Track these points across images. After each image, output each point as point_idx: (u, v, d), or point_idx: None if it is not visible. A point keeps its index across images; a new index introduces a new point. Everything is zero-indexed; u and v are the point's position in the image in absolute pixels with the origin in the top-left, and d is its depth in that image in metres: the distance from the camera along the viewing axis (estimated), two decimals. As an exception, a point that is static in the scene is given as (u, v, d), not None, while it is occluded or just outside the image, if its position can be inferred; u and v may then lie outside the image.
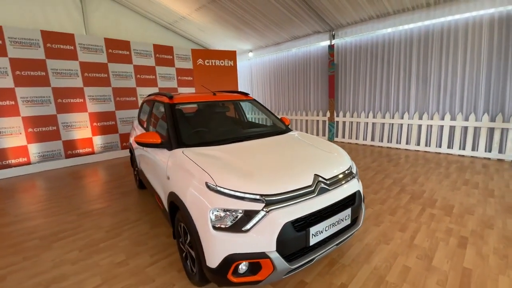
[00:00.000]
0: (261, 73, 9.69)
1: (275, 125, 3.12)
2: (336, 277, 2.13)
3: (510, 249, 2.37)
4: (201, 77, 8.05)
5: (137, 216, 3.33)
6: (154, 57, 7.14)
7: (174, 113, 2.71)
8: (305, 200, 1.78)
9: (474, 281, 2.01)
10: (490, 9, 4.80)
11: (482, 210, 3.15)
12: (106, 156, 6.51)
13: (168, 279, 2.18)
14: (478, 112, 5.22)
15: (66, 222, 3.24)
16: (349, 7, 5.92)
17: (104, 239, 2.82)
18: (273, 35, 8.00)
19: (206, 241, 1.69)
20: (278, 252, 1.63)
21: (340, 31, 6.94)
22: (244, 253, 1.62)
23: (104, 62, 6.33)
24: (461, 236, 2.63)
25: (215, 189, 1.72)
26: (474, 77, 5.18)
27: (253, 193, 1.68)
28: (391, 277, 2.10)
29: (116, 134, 6.71)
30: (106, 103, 6.47)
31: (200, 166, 1.90)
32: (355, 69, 6.95)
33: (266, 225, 1.63)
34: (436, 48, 5.57)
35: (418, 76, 5.90)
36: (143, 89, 7.02)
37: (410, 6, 5.55)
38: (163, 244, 2.69)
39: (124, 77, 6.67)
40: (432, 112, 5.82)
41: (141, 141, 2.46)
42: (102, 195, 4.09)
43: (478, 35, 5.02)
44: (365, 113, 6.93)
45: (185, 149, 2.26)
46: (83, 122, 6.18)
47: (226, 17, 7.32)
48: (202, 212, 1.70)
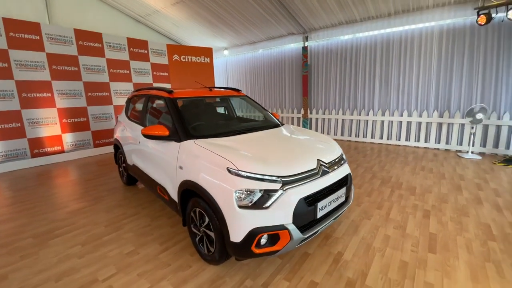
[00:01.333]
0: (237, 71, 9.87)
1: (269, 119, 3.37)
2: (333, 247, 2.48)
3: (462, 217, 2.97)
4: (177, 73, 7.97)
5: (133, 210, 3.33)
6: (128, 51, 6.89)
7: (177, 107, 2.81)
8: (312, 180, 2.09)
9: (439, 242, 2.52)
10: (439, 21, 5.66)
11: (437, 189, 3.81)
12: (77, 155, 6.14)
13: (183, 262, 2.32)
14: (429, 109, 6.11)
15: (56, 220, 3.12)
16: (322, 12, 6.43)
17: (105, 233, 2.82)
18: (249, 34, 8.24)
19: (231, 219, 1.89)
20: (294, 224, 1.91)
21: (313, 34, 7.45)
22: (266, 226, 1.86)
23: (74, 54, 5.96)
24: (425, 209, 3.19)
25: (236, 173, 1.93)
26: (426, 80, 6.05)
27: (271, 175, 1.93)
28: (376, 244, 2.52)
29: (88, 132, 6.36)
30: (77, 98, 6.09)
31: (219, 154, 2.08)
32: (327, 70, 7.54)
33: (284, 201, 1.90)
34: (396, 53, 6.35)
35: (381, 78, 6.66)
36: (117, 84, 6.74)
37: (374, 15, 6.24)
38: (169, 233, 2.79)
39: (96, 71, 6.34)
40: (392, 109, 6.63)
41: (149, 134, 2.54)
42: (87, 193, 3.95)
43: (430, 43, 5.88)
44: (335, 111, 7.56)
45: (197, 140, 2.41)
46: (51, 119, 5.76)
47: (203, 14, 7.36)
48: (227, 194, 1.90)
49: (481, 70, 5.39)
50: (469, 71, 5.52)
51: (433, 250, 2.40)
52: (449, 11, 5.44)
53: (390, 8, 5.86)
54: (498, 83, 5.24)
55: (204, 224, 2.20)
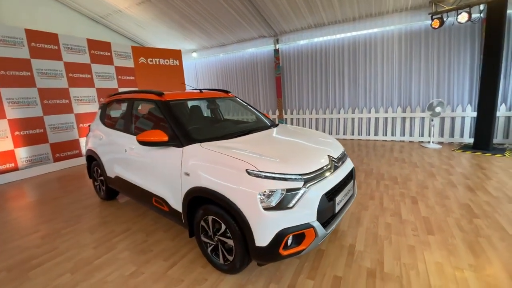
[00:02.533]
0: (208, 73, 9.65)
1: (264, 120, 3.32)
2: (343, 240, 2.54)
3: (444, 200, 3.27)
4: (145, 77, 7.49)
5: (123, 227, 3.01)
6: (89, 54, 6.28)
7: (173, 110, 2.63)
8: (327, 176, 2.11)
9: (433, 224, 2.74)
10: (399, 25, 6.24)
11: (415, 177, 4.16)
12: (35, 172, 5.37)
13: (197, 276, 2.16)
14: (394, 105, 6.68)
15: (30, 247, 2.67)
16: (293, 16, 6.63)
17: (96, 255, 2.49)
18: (220, 36, 8.12)
19: (256, 222, 1.81)
20: (318, 221, 1.90)
21: (284, 37, 7.64)
22: (292, 226, 1.82)
23: (26, 57, 5.22)
24: (411, 196, 3.45)
25: (257, 175, 1.86)
26: (390, 78, 6.61)
27: (293, 174, 1.90)
28: (381, 232, 2.65)
29: (46, 144, 5.61)
30: (31, 107, 5.34)
31: (235, 157, 1.99)
32: (299, 71, 7.79)
33: (308, 199, 1.89)
34: (361, 55, 6.82)
35: (350, 78, 7.10)
36: (78, 90, 6.08)
37: (341, 19, 6.63)
38: (171, 247, 2.58)
39: (52, 76, 5.64)
40: (361, 107, 7.09)
41: (147, 140, 2.33)
42: (59, 213, 3.46)
43: (391, 45, 6.44)
44: (309, 110, 7.84)
45: (203, 144, 2.27)
46: (1, 132, 4.95)
47: (172, 15, 7.06)
48: (249, 197, 1.82)
49: (435, 68, 6.07)
50: (426, 69, 6.18)
51: (431, 232, 2.60)
52: (406, 16, 6.03)
53: (355, 12, 6.29)
54: (451, 79, 5.96)
55: (219, 232, 2.08)
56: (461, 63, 5.81)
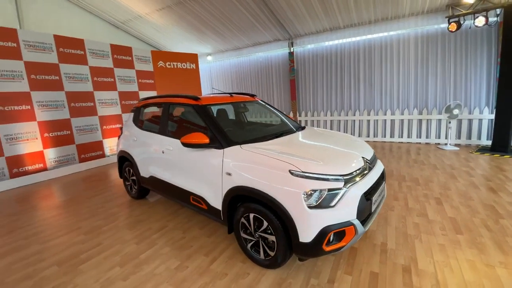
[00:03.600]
0: (222, 76, 9.83)
1: (291, 123, 3.44)
2: (374, 239, 2.64)
3: (468, 201, 3.34)
4: (163, 80, 7.70)
5: (158, 224, 3.17)
6: (112, 58, 6.51)
7: (211, 114, 2.78)
8: (364, 176, 2.22)
9: (460, 224, 2.82)
10: (414, 28, 6.30)
11: (436, 179, 4.22)
12: (62, 172, 5.59)
13: (238, 270, 2.28)
14: (410, 108, 6.73)
15: (75, 243, 2.84)
16: (309, 19, 6.75)
17: (140, 250, 2.64)
18: (235, 40, 8.29)
19: (301, 219, 1.93)
20: (358, 219, 2.01)
21: (298, 40, 7.76)
22: (334, 224, 1.94)
23: (55, 62, 5.46)
24: (435, 197, 3.53)
25: (301, 175, 1.98)
26: (406, 81, 6.67)
27: (334, 174, 2.02)
28: (410, 231, 2.74)
29: (72, 145, 5.84)
30: (59, 110, 5.58)
31: (277, 158, 2.11)
32: (313, 74, 7.89)
33: (348, 198, 2.00)
34: (377, 58, 6.90)
35: (365, 80, 7.17)
36: (102, 93, 6.31)
37: (357, 22, 6.72)
38: (209, 243, 2.71)
39: (79, 80, 5.87)
40: (377, 109, 7.16)
41: (190, 142, 2.48)
42: (95, 211, 3.64)
43: (407, 47, 6.50)
44: (324, 112, 7.93)
45: (243, 145, 2.41)
46: (31, 133, 5.19)
47: (190, 20, 7.25)
48: (294, 196, 1.94)
49: (452, 71, 6.11)
50: (442, 72, 6.23)
51: (459, 232, 2.68)
52: (423, 19, 6.10)
53: (371, 16, 6.37)
54: (468, 82, 5.99)
55: (261, 229, 2.21)
56: (478, 65, 5.84)
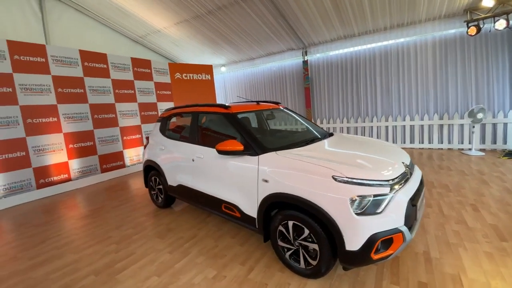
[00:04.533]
0: (236, 86, 9.95)
1: (319, 129, 3.41)
2: (415, 248, 2.54)
3: (507, 207, 3.21)
4: (180, 91, 7.85)
5: (189, 233, 3.15)
6: (132, 71, 6.69)
7: (242, 122, 2.80)
8: (407, 182, 2.16)
9: (504, 231, 2.69)
10: (432, 33, 6.28)
11: (467, 185, 4.08)
12: (85, 182, 5.68)
13: (278, 280, 2.23)
14: (430, 113, 6.61)
15: (108, 252, 2.84)
16: (324, 28, 6.82)
17: (174, 260, 2.62)
18: (249, 50, 8.43)
19: (348, 227, 1.88)
20: (405, 226, 1.95)
21: (312, 49, 7.83)
22: (382, 231, 1.88)
23: (80, 76, 5.65)
24: (470, 204, 3.40)
25: (345, 181, 1.94)
26: (425, 85, 6.59)
27: (379, 180, 1.97)
28: (451, 239, 2.63)
29: (95, 156, 5.95)
30: (83, 121, 5.73)
31: (318, 164, 2.09)
32: (328, 81, 7.90)
33: (395, 204, 1.94)
34: (394, 63, 6.87)
35: (382, 86, 7.13)
36: (122, 105, 6.46)
37: (372, 29, 6.75)
38: (244, 252, 2.67)
39: (102, 93, 6.05)
40: (395, 115, 7.07)
41: (226, 149, 2.48)
42: (123, 220, 3.66)
43: (425, 53, 6.46)
44: (340, 119, 7.88)
45: (279, 152, 2.40)
46: (57, 145, 5.32)
47: (206, 32, 7.44)
48: (340, 202, 1.90)
49: (473, 75, 6.01)
50: (463, 76, 6.13)
51: (504, 239, 2.56)
52: (440, 24, 6.07)
53: (386, 23, 6.39)
54: (490, 86, 5.87)
55: (301, 237, 2.16)
56: (500, 68, 5.73)
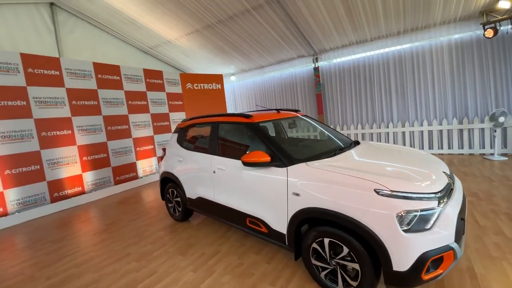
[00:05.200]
0: (246, 95, 9.92)
1: (344, 137, 3.28)
2: (458, 263, 2.36)
3: (549, 217, 3.00)
4: (191, 101, 7.83)
5: (211, 249, 3.01)
6: (145, 82, 6.70)
7: (265, 131, 2.70)
8: (452, 193, 2.01)
9: (553, 244, 2.50)
10: (447, 36, 6.15)
11: (498, 192, 3.87)
12: (98, 195, 5.61)
13: (314, 302, 2.07)
14: (448, 117, 6.42)
15: (129, 271, 2.72)
16: (335, 34, 6.76)
17: (199, 279, 2.48)
18: (259, 59, 8.41)
19: (395, 245, 1.73)
20: (456, 242, 1.79)
21: (323, 55, 7.77)
22: (433, 249, 1.72)
23: (94, 88, 5.67)
24: (504, 212, 3.20)
25: (389, 194, 1.80)
26: (442, 89, 6.42)
27: (427, 192, 1.82)
28: (493, 252, 2.44)
29: (108, 168, 5.90)
30: (97, 133, 5.71)
31: (357, 176, 1.95)
32: (341, 87, 7.80)
33: (445, 218, 1.79)
34: (409, 68, 6.74)
35: (397, 91, 6.98)
36: (135, 116, 6.44)
37: (385, 34, 6.66)
38: (272, 270, 2.52)
39: (115, 104, 6.04)
40: (412, 120, 6.90)
41: (252, 161, 2.38)
42: (141, 235, 3.54)
43: (441, 56, 6.32)
44: (354, 125, 7.73)
45: (309, 163, 2.27)
46: (72, 157, 5.29)
47: (216, 42, 7.45)
48: (386, 218, 1.75)
49: (492, 78, 5.83)
50: (481, 79, 5.96)
51: (555, 253, 2.36)
52: (455, 27, 5.95)
53: (400, 27, 6.30)
54: (510, 88, 5.68)
55: (339, 256, 2.01)
56: (521, 70, 5.56)
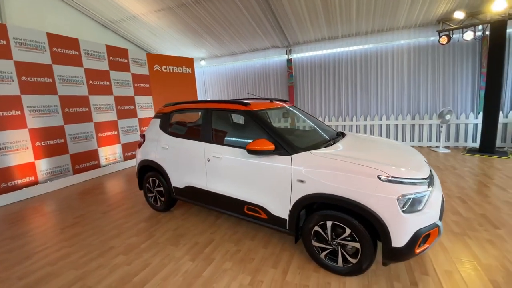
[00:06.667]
0: (217, 82, 9.63)
1: (330, 129, 3.46)
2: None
3: (488, 198, 3.65)
4: (159, 85, 7.33)
5: (204, 238, 2.95)
6: (108, 60, 6.03)
7: (265, 120, 2.70)
8: (433, 178, 2.32)
9: (494, 220, 3.06)
10: (407, 40, 6.82)
11: (447, 179, 4.54)
12: (55, 185, 4.97)
13: (317, 281, 2.22)
14: (404, 113, 7.22)
15: (118, 265, 2.52)
16: (310, 27, 6.95)
17: (199, 268, 2.43)
18: (233, 45, 8.21)
19: (395, 225, 1.94)
20: (440, 220, 2.09)
21: (296, 48, 7.94)
22: (425, 227, 1.98)
23: (48, 63, 4.90)
24: (457, 196, 3.79)
25: (390, 180, 2.00)
26: (399, 88, 7.16)
27: (420, 178, 2.08)
28: (455, 229, 2.90)
29: (66, 155, 5.24)
30: (53, 115, 4.99)
31: (361, 164, 2.11)
32: (311, 81, 8.11)
33: (433, 200, 2.07)
34: (373, 66, 7.32)
35: (362, 87, 7.55)
36: (97, 98, 5.79)
37: (355, 32, 7.08)
38: (270, 254, 2.60)
39: (73, 83, 5.33)
40: (373, 115, 7.56)
41: (257, 149, 2.39)
42: (121, 227, 3.28)
43: (400, 58, 7.00)
44: (322, 118, 8.16)
45: (314, 152, 2.37)
46: (22, 142, 4.55)
47: (189, 23, 7.03)
48: (388, 202, 1.95)
49: (441, 80, 6.71)
50: (432, 81, 6.81)
51: (497, 227, 2.90)
52: (415, 32, 6.63)
53: (368, 27, 6.77)
54: (455, 90, 6.62)
55: (341, 237, 2.18)
56: (464, 75, 6.50)
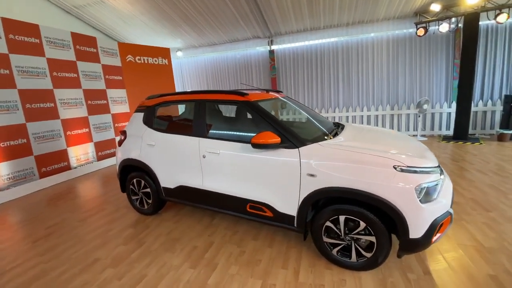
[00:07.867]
0: (195, 74, 9.16)
1: (326, 120, 3.36)
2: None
3: (474, 183, 3.82)
4: (133, 77, 6.77)
5: (202, 241, 2.72)
6: (74, 49, 5.39)
7: (266, 111, 2.52)
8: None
9: (484, 203, 3.19)
10: (386, 32, 6.96)
11: (431, 166, 4.71)
12: (19, 191, 4.36)
13: (332, 279, 2.12)
14: (383, 104, 7.42)
15: (109, 279, 2.22)
16: (293, 17, 6.81)
17: (203, 275, 2.21)
18: (213, 35, 7.82)
19: (413, 216, 1.89)
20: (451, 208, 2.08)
21: (278, 38, 7.77)
22: (440, 216, 1.95)
23: (4, 52, 4.23)
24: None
25: (406, 170, 1.93)
26: (379, 79, 7.33)
27: (433, 166, 2.04)
28: (451, 215, 2.97)
29: (30, 157, 4.62)
30: (12, 112, 4.34)
31: (376, 154, 2.02)
32: (294, 72, 8.02)
33: (445, 189, 2.05)
34: (354, 58, 7.40)
35: (344, 79, 7.62)
36: (63, 92, 5.17)
37: (337, 24, 7.08)
38: (278, 254, 2.46)
39: (35, 75, 4.68)
40: (354, 106, 7.69)
41: (263, 143, 2.20)
42: (104, 236, 2.93)
43: (380, 49, 7.14)
44: (305, 109, 8.13)
45: (323, 143, 2.24)
46: (-26, 144, 3.92)
47: (165, 9, 6.53)
48: (406, 192, 1.88)
49: (418, 71, 6.97)
50: (410, 72, 7.05)
51: (488, 210, 3.02)
52: (393, 23, 6.78)
53: (349, 18, 6.79)
54: (431, 80, 6.92)
55: (355, 231, 2.09)
56: (439, 66, 6.80)
